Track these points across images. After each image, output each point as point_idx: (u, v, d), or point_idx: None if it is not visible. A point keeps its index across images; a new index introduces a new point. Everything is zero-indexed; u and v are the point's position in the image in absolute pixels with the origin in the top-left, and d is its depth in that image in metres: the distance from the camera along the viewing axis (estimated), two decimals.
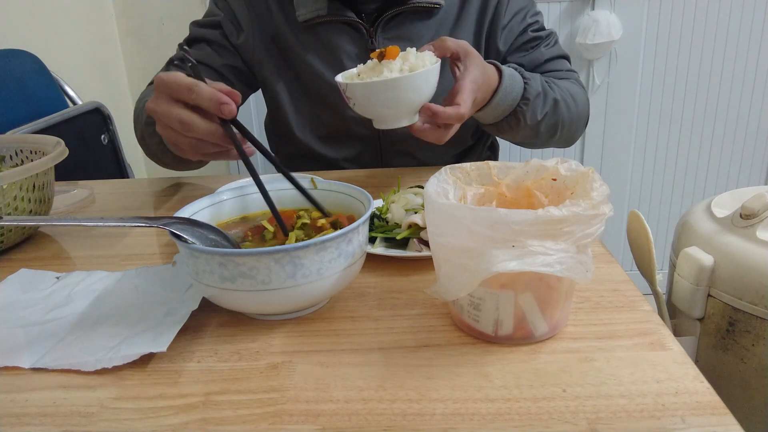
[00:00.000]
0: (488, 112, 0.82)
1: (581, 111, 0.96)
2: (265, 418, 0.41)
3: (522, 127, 0.86)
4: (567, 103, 0.91)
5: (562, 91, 0.91)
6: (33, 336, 0.52)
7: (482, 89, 0.76)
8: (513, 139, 0.93)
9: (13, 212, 0.69)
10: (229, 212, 0.61)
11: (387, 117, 0.72)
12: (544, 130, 0.90)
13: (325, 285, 0.49)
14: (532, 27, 0.97)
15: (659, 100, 1.90)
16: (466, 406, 0.41)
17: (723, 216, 0.91)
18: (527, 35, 0.97)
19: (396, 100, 0.69)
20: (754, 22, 1.80)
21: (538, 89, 0.85)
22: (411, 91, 0.69)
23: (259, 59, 0.98)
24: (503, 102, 0.81)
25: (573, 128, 0.96)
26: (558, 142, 0.97)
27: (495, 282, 0.45)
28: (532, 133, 0.89)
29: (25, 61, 1.28)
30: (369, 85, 0.69)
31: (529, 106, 0.84)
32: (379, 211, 0.69)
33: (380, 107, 0.70)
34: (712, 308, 0.88)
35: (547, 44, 0.98)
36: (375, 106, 0.71)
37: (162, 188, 0.96)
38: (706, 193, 2.00)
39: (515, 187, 0.53)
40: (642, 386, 0.42)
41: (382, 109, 0.71)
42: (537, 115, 0.86)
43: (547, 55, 0.97)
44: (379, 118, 0.73)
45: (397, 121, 0.72)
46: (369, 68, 0.72)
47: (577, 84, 0.98)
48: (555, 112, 0.89)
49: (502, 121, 0.85)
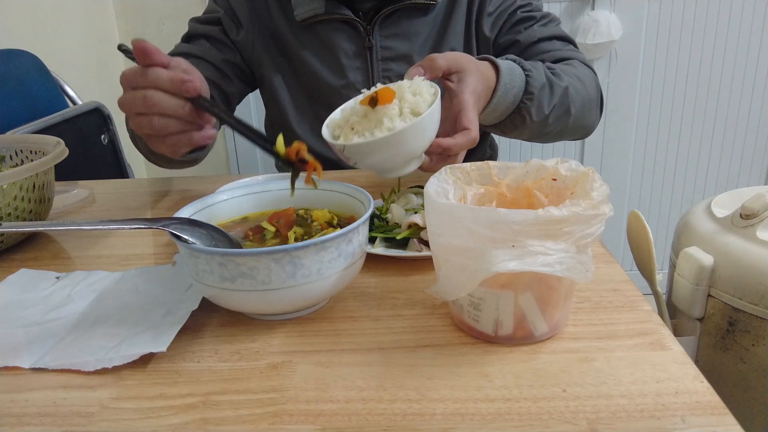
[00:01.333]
0: (489, 113, 0.76)
1: (591, 93, 0.89)
2: (265, 418, 0.41)
3: (528, 124, 0.80)
4: (576, 89, 0.85)
5: (569, 77, 0.84)
6: (33, 336, 0.52)
7: (483, 96, 0.71)
8: (520, 137, 0.86)
9: (13, 212, 0.69)
10: (229, 212, 0.61)
11: (393, 168, 0.64)
12: (554, 123, 0.83)
13: (325, 285, 0.49)
14: (523, 8, 0.94)
15: (659, 100, 1.90)
16: (466, 406, 0.41)
17: (723, 216, 0.91)
18: (517, 15, 0.93)
19: (403, 152, 0.62)
20: (754, 22, 1.80)
21: (542, 81, 0.78)
22: (419, 138, 0.61)
23: (258, 57, 0.98)
24: (504, 100, 0.75)
25: (586, 115, 0.90)
26: (571, 133, 0.91)
27: (495, 282, 0.45)
28: (540, 129, 0.83)
29: (25, 61, 1.28)
30: (371, 144, 0.60)
31: (534, 101, 0.77)
32: (379, 211, 0.69)
33: (387, 162, 0.63)
34: (712, 308, 0.88)
35: (543, 24, 0.94)
36: (380, 162, 0.63)
37: (162, 188, 0.96)
38: (706, 193, 2.00)
39: (515, 187, 0.53)
40: (642, 386, 0.42)
41: (388, 164, 0.63)
42: (544, 109, 0.79)
43: (541, 34, 0.92)
44: (383, 171, 0.65)
45: (405, 168, 0.64)
46: (362, 116, 0.63)
47: (583, 65, 0.92)
48: (564, 103, 0.83)
49: (506, 120, 0.80)
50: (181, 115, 0.58)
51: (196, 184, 0.96)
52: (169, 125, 0.58)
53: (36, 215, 0.73)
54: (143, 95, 0.57)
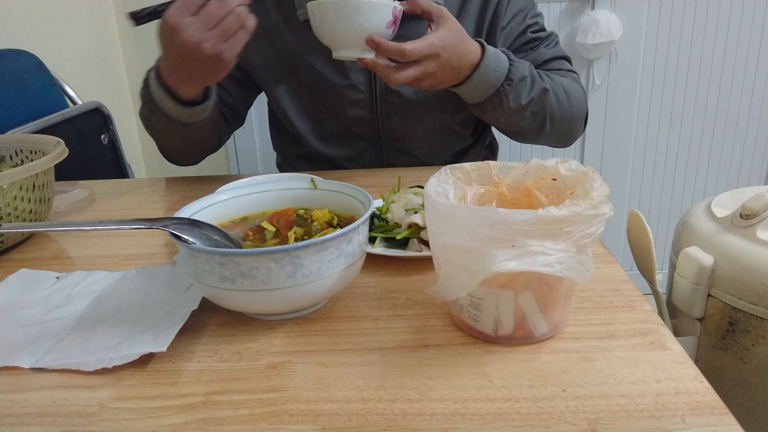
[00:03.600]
0: (470, 87, 0.82)
1: (575, 108, 0.95)
2: (265, 418, 0.41)
3: (505, 109, 0.86)
4: (558, 95, 0.90)
5: (554, 84, 0.90)
6: (33, 336, 0.52)
7: (450, 51, 0.76)
8: (498, 122, 0.92)
9: (13, 212, 0.69)
10: (229, 212, 0.61)
11: (340, 42, 0.75)
12: (530, 118, 0.89)
13: (325, 285, 0.49)
14: (531, 28, 0.97)
15: (659, 100, 1.90)
16: (466, 406, 0.41)
17: (723, 216, 0.91)
18: (527, 36, 0.96)
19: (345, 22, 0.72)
20: (754, 22, 1.80)
21: (524, 73, 0.84)
22: (359, 15, 0.72)
23: (256, 62, 0.99)
24: (485, 79, 0.81)
25: (566, 124, 0.95)
26: (550, 137, 0.96)
27: (495, 282, 0.45)
28: (516, 118, 0.88)
29: (25, 61, 1.28)
30: (323, 4, 0.73)
31: (512, 88, 0.83)
32: (379, 211, 0.69)
33: (332, 29, 0.74)
34: (712, 308, 0.88)
35: (547, 45, 0.97)
36: (327, 28, 0.74)
37: (162, 188, 0.96)
38: (706, 193, 2.00)
39: (515, 187, 0.53)
40: (642, 386, 0.42)
41: (333, 31, 0.74)
42: (521, 99, 0.85)
43: (547, 56, 0.96)
44: (334, 44, 0.76)
45: (350, 48, 0.75)
46: None
47: (575, 82, 0.97)
48: (543, 101, 0.88)
49: (486, 101, 0.85)
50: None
51: (196, 184, 0.96)
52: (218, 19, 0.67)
53: (36, 215, 0.73)
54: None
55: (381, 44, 0.73)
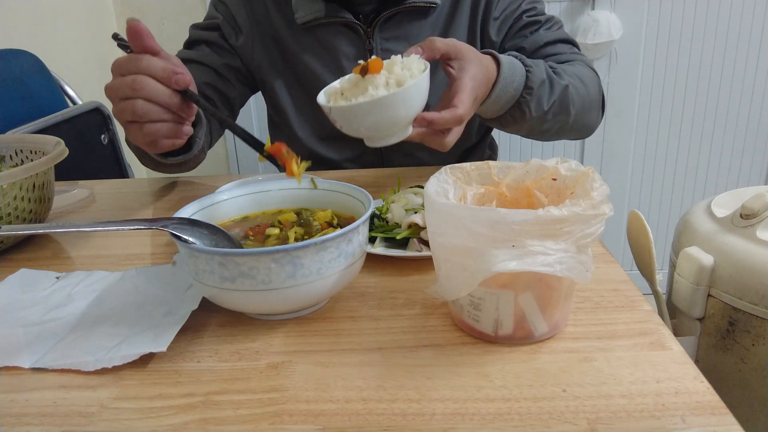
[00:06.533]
0: (489, 106, 0.78)
1: (592, 93, 0.91)
2: (265, 418, 0.41)
3: (528, 119, 0.81)
4: (576, 88, 0.87)
5: (570, 77, 0.86)
6: (33, 336, 0.52)
7: (483, 84, 0.72)
8: (519, 132, 0.87)
9: (13, 212, 0.69)
10: (229, 212, 0.61)
11: (377, 136, 0.67)
12: (553, 120, 0.85)
13: (325, 285, 0.49)
14: (528, 13, 0.94)
15: (659, 100, 1.90)
16: (466, 406, 0.41)
17: (723, 216, 0.91)
18: (522, 20, 0.94)
19: (384, 119, 0.64)
20: (754, 22, 1.80)
21: (542, 77, 0.80)
22: (400, 108, 0.63)
23: (259, 61, 0.99)
24: (504, 93, 0.77)
25: (586, 115, 0.91)
26: (572, 132, 0.92)
27: (495, 282, 0.45)
28: (539, 125, 0.84)
29: (25, 61, 1.28)
30: (352, 108, 0.63)
31: (533, 96, 0.79)
32: (379, 211, 0.69)
33: (368, 129, 0.65)
34: (712, 308, 0.88)
35: (548, 27, 0.94)
36: (362, 128, 0.65)
37: (162, 188, 0.96)
38: (706, 193, 2.00)
39: (515, 186, 0.53)
40: (642, 386, 0.42)
41: (370, 131, 0.66)
42: (543, 104, 0.81)
43: (547, 38, 0.93)
44: (369, 138, 0.68)
45: (389, 138, 0.67)
46: (353, 84, 0.66)
47: (587, 67, 0.93)
48: (564, 100, 0.84)
49: (506, 114, 0.81)
50: (167, 103, 0.58)
51: (196, 184, 0.96)
52: (151, 111, 0.59)
53: (36, 215, 0.73)
54: (132, 79, 0.58)
55: (434, 121, 0.66)
